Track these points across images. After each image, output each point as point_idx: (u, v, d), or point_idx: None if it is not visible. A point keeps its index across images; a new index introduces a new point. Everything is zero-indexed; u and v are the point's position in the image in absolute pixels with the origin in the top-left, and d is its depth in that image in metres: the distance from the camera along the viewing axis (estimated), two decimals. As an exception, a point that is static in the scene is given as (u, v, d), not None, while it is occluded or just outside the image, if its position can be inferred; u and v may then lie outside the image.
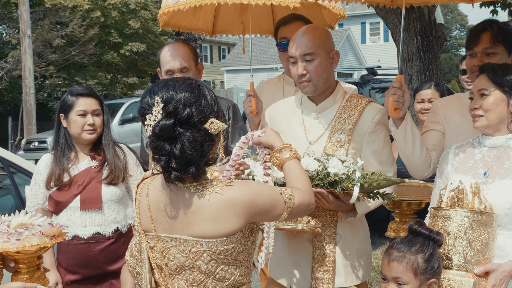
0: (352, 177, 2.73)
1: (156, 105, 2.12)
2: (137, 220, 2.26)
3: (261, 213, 2.20)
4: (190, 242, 2.15)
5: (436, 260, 2.53)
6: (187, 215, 2.15)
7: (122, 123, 16.56)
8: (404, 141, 2.95)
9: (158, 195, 2.22)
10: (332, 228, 2.97)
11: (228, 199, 2.13)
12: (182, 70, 3.60)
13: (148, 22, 25.38)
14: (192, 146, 2.09)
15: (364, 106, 3.02)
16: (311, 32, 2.95)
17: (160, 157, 2.12)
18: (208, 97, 2.20)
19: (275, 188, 2.28)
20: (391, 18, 7.04)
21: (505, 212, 2.65)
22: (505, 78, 2.71)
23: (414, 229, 2.60)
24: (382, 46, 38.77)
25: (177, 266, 2.18)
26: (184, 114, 2.10)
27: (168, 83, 2.18)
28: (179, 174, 2.12)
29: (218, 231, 2.13)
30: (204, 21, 4.23)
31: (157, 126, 2.10)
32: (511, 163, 2.71)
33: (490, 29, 3.09)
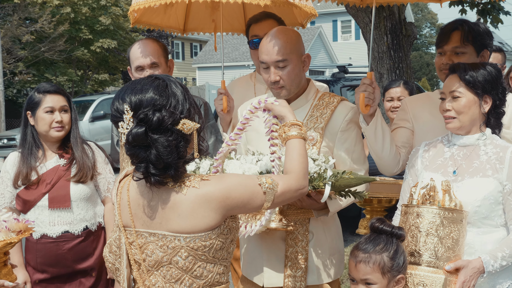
0: (323, 175, 2.73)
1: (126, 112, 2.10)
2: (117, 216, 2.25)
3: (238, 206, 2.19)
4: (168, 237, 2.14)
5: (401, 255, 2.55)
6: (165, 210, 2.14)
7: (92, 120, 16.40)
8: (374, 137, 2.98)
9: (138, 191, 2.21)
10: (304, 226, 2.98)
11: (203, 194, 2.12)
12: (152, 66, 3.58)
13: (119, 19, 25.18)
14: (167, 150, 2.08)
15: (336, 104, 3.02)
16: (282, 37, 2.91)
17: (138, 165, 2.12)
18: (178, 95, 2.15)
19: (253, 179, 2.24)
20: (361, 17, 7.07)
21: (474, 209, 2.69)
22: (477, 80, 2.73)
23: (376, 227, 2.62)
24: (353, 44, 38.97)
25: (155, 261, 2.17)
26: (155, 120, 2.07)
27: (135, 87, 2.14)
28: (159, 178, 2.11)
29: (195, 226, 2.12)
30: (175, 18, 4.20)
31: (129, 135, 2.08)
32: (480, 162, 2.75)
33: (461, 28, 3.13)
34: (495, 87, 2.76)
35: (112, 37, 25.11)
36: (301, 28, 4.19)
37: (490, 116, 2.80)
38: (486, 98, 2.76)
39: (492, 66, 2.80)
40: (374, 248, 2.53)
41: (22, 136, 3.57)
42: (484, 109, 2.76)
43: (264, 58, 2.93)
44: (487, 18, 8.54)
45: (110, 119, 2.22)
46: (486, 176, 2.71)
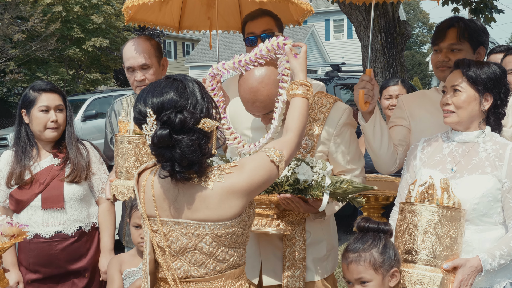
0: (321, 184, 2.74)
1: (149, 115, 2.20)
2: (141, 207, 2.36)
3: (261, 187, 2.33)
4: (193, 225, 2.26)
5: (391, 249, 2.55)
6: (192, 203, 2.26)
7: (84, 120, 16.22)
8: (373, 135, 2.97)
9: (163, 187, 2.32)
10: (301, 226, 2.98)
11: (229, 187, 2.25)
12: (143, 67, 3.52)
13: (111, 17, 25.01)
14: (191, 150, 2.19)
15: (329, 108, 2.99)
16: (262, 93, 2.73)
17: (164, 164, 2.23)
18: (196, 94, 2.26)
19: (265, 157, 2.33)
20: (355, 15, 7.07)
21: (472, 207, 2.68)
22: (479, 77, 2.72)
23: (362, 226, 2.62)
24: (345, 43, 39.01)
25: (180, 248, 2.29)
26: (177, 122, 2.17)
27: (156, 90, 2.25)
28: (184, 175, 2.23)
29: (222, 216, 2.25)
30: (170, 16, 4.15)
31: (154, 137, 2.19)
32: (479, 159, 2.74)
33: (457, 25, 3.12)
34: (498, 86, 2.75)
35: (104, 36, 24.94)
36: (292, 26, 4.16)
37: (490, 115, 2.79)
38: (487, 96, 2.75)
39: (497, 66, 2.79)
40: (363, 246, 2.53)
41: (16, 135, 3.52)
42: (484, 106, 2.75)
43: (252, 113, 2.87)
44: (480, 17, 8.54)
45: (134, 121, 2.32)
46: (485, 173, 2.70)
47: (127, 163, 3.17)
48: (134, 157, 3.15)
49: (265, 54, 2.68)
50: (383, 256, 2.51)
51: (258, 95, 2.73)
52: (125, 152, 3.17)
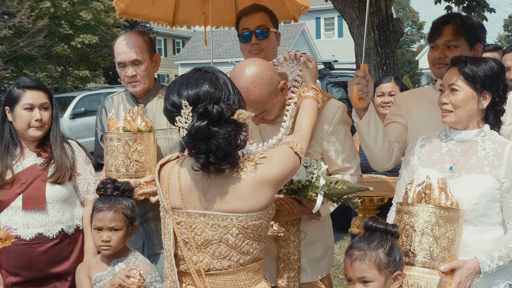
0: (315, 184, 2.70)
1: (184, 107, 2.21)
2: (163, 198, 2.35)
3: (287, 177, 2.39)
4: (220, 217, 2.28)
5: (397, 252, 2.50)
6: (223, 195, 2.29)
7: (73, 117, 16.12)
8: (367, 132, 2.92)
9: (192, 179, 2.33)
10: (295, 226, 2.94)
11: (261, 177, 2.29)
12: (134, 63, 3.42)
13: (100, 14, 24.89)
14: (227, 141, 2.21)
15: (323, 105, 2.93)
16: (253, 93, 2.69)
17: (199, 156, 2.24)
18: (229, 86, 2.28)
19: (288, 149, 2.40)
20: (348, 12, 7.01)
21: (471, 207, 2.64)
22: (477, 75, 2.67)
23: (370, 225, 2.56)
24: (336, 41, 39.07)
25: (205, 240, 2.30)
26: (215, 113, 2.19)
27: (189, 81, 2.26)
28: (218, 166, 2.25)
29: (253, 207, 2.29)
30: (164, 10, 4.07)
31: (192, 129, 2.19)
32: (478, 158, 2.70)
33: (453, 22, 3.07)
34: (496, 84, 2.71)
35: (93, 33, 24.82)
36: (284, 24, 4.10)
37: (488, 113, 2.74)
38: (485, 94, 2.70)
39: (495, 62, 2.74)
40: (369, 245, 2.48)
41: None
42: (483, 105, 2.71)
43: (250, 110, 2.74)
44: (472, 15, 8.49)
45: (164, 114, 2.31)
46: (483, 172, 2.66)
47: (117, 161, 3.11)
48: (124, 155, 3.09)
49: (281, 61, 2.95)
50: (388, 257, 2.46)
51: (249, 95, 2.67)
52: (115, 150, 3.11)
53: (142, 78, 3.44)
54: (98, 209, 3.01)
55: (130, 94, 3.57)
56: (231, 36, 36.42)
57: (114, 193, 3.03)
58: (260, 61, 2.76)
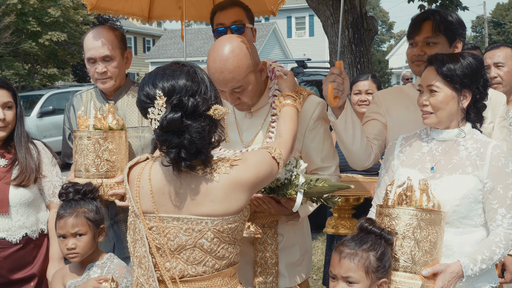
0: (295, 182, 2.62)
1: (158, 98, 2.14)
2: (134, 203, 2.27)
3: (263, 181, 2.32)
4: (194, 221, 2.20)
5: (388, 259, 2.44)
6: (196, 197, 2.21)
7: (41, 116, 15.95)
8: (345, 131, 2.83)
9: (163, 180, 2.25)
10: (273, 229, 2.86)
11: (236, 179, 2.22)
12: (105, 59, 3.31)
13: (69, 11, 24.66)
14: (200, 136, 2.14)
15: (303, 101, 2.87)
16: (232, 62, 2.63)
17: (170, 150, 2.16)
18: (206, 81, 2.23)
19: (266, 153, 2.34)
20: (322, 10, 6.95)
21: (453, 209, 2.58)
22: (455, 73, 2.60)
23: (365, 227, 2.50)
24: (307, 40, 39.26)
25: (178, 245, 2.23)
26: (190, 105, 2.13)
27: (165, 72, 2.20)
28: (189, 163, 2.17)
29: (228, 209, 2.22)
30: (138, 5, 3.95)
31: (164, 120, 2.12)
32: (460, 158, 2.64)
33: (432, 18, 3.02)
34: (475, 81, 2.63)
35: (62, 30, 24.57)
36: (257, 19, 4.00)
37: (470, 111, 2.68)
38: (465, 93, 2.63)
39: (473, 58, 2.67)
40: (361, 246, 2.43)
41: (-39, 133, 3.24)
42: (463, 104, 2.64)
43: (218, 86, 2.64)
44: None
45: (137, 105, 2.24)
46: (465, 173, 2.60)
47: (86, 161, 3.02)
48: (94, 154, 3.00)
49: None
50: (379, 262, 2.41)
51: (227, 64, 2.62)
52: (84, 148, 3.02)
53: (113, 75, 3.33)
54: (60, 216, 2.91)
55: (99, 91, 3.45)
56: (202, 34, 36.39)
57: (76, 197, 2.93)
58: (241, 37, 2.77)
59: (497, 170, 2.59)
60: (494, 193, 2.59)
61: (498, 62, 3.98)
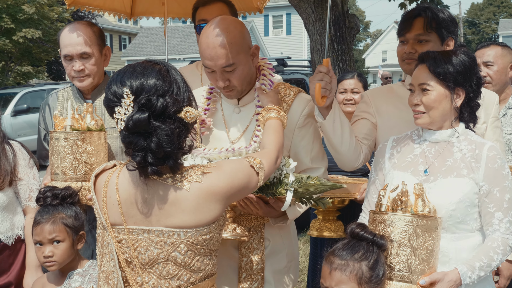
0: (284, 181, 2.51)
1: (125, 96, 2.02)
2: (101, 214, 2.15)
3: (240, 192, 2.21)
4: (166, 233, 2.09)
5: (381, 267, 2.34)
6: (166, 207, 2.09)
7: (15, 115, 15.83)
8: (333, 131, 2.72)
9: (131, 189, 2.13)
10: (259, 233, 2.77)
11: (208, 188, 2.10)
12: (82, 56, 3.19)
13: (43, 8, 24.41)
14: (169, 139, 2.02)
15: (293, 97, 2.79)
16: (225, 37, 2.58)
17: (135, 153, 2.04)
18: (179, 82, 2.11)
19: (244, 162, 2.24)
20: (304, 8, 6.85)
21: (448, 214, 2.49)
22: (448, 71, 2.52)
23: (356, 233, 2.39)
24: (284, 39, 39.35)
25: (150, 259, 2.11)
26: (159, 106, 2.01)
27: (135, 70, 2.08)
28: (156, 168, 2.05)
29: (201, 220, 2.10)
30: (120, 1, 3.83)
31: (130, 121, 2.00)
32: (454, 160, 2.56)
33: (424, 15, 2.94)
34: (469, 79, 2.56)
35: (36, 27, 24.30)
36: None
37: (463, 110, 2.60)
38: (459, 91, 2.55)
39: (465, 55, 2.59)
40: (353, 255, 2.33)
41: None
42: (456, 103, 2.56)
43: (207, 63, 2.63)
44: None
45: (104, 104, 2.11)
46: (461, 176, 2.52)
47: (64, 163, 2.91)
48: (72, 156, 2.88)
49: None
50: (371, 272, 2.30)
51: (221, 40, 2.56)
52: (61, 150, 2.90)
53: (91, 73, 3.22)
54: (37, 222, 2.78)
55: (76, 89, 3.33)
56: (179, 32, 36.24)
57: (54, 202, 2.80)
58: (235, 18, 2.73)
59: (494, 172, 2.51)
60: (491, 196, 2.51)
61: (488, 61, 3.91)
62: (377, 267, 2.31)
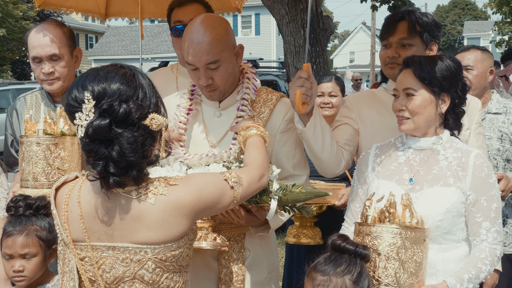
0: (268, 189, 2.40)
1: (86, 101, 1.90)
2: (62, 230, 2.03)
3: (209, 207, 2.08)
4: (132, 250, 1.98)
5: (365, 278, 2.25)
6: (130, 222, 1.97)
7: (-22, 116, 15.31)
8: (314, 138, 2.62)
9: (93, 202, 2.01)
10: (239, 243, 2.68)
11: (174, 201, 1.98)
12: (52, 58, 3.08)
13: (8, 5, 23.99)
14: (132, 148, 1.90)
15: (275, 102, 2.71)
16: (210, 33, 2.52)
17: (96, 162, 1.92)
18: (145, 87, 1.99)
19: (218, 175, 2.14)
20: (277, 8, 6.76)
21: (435, 224, 2.42)
22: (434, 76, 2.47)
23: (338, 245, 2.29)
24: (253, 39, 39.30)
25: (115, 278, 2.00)
26: (121, 112, 1.90)
27: (98, 74, 1.96)
28: (118, 179, 1.93)
29: (168, 236, 1.98)
30: (94, 1, 3.74)
31: (90, 127, 1.88)
32: (440, 168, 2.51)
33: (408, 18, 2.89)
34: (454, 84, 2.51)
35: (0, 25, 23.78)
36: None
37: (448, 117, 2.55)
38: (444, 97, 2.50)
39: (451, 60, 2.55)
40: (335, 270, 2.22)
41: None
42: (442, 109, 2.52)
43: (191, 60, 2.55)
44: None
45: (65, 109, 2.00)
46: (447, 185, 2.46)
47: (35, 169, 2.76)
48: (44, 162, 2.74)
49: None
50: (355, 285, 2.21)
51: (206, 36, 2.50)
52: (33, 156, 2.75)
53: (61, 75, 3.10)
54: (7, 233, 2.60)
55: (46, 93, 3.20)
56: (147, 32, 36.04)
57: (27, 213, 2.63)
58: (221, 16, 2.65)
59: (481, 181, 2.46)
60: (478, 205, 2.45)
61: (467, 65, 3.86)
62: (361, 279, 2.22)
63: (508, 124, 3.84)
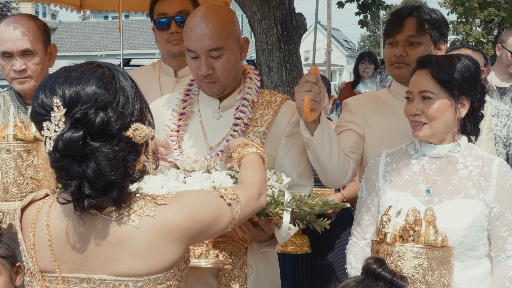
0: (279, 200, 2.19)
1: (55, 109, 1.62)
2: (28, 258, 1.76)
3: (205, 229, 1.81)
4: (110, 283, 1.71)
5: None
6: (108, 249, 1.70)
7: None
8: (321, 147, 2.43)
9: (64, 225, 1.74)
10: (241, 259, 2.50)
11: (163, 224, 1.71)
12: (25, 53, 2.87)
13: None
14: (111, 165, 1.63)
15: (280, 104, 2.55)
16: (215, 18, 2.40)
17: (68, 182, 1.64)
18: (127, 91, 1.70)
19: (212, 192, 1.90)
20: (249, 5, 6.53)
21: (459, 240, 2.26)
22: (453, 78, 2.31)
23: (373, 269, 2.00)
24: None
25: None
26: (98, 122, 1.61)
27: (70, 75, 1.67)
28: (95, 202, 1.65)
29: (154, 266, 1.71)
30: None
31: (60, 141, 1.60)
32: (460, 178, 2.33)
33: (416, 14, 2.76)
34: (474, 87, 2.36)
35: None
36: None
37: (466, 122, 2.40)
38: (463, 100, 2.35)
39: (469, 60, 2.40)
40: None
41: None
42: (461, 113, 2.37)
43: (192, 45, 2.39)
44: (368, 14, 8.37)
45: (30, 117, 1.73)
46: (469, 196, 2.30)
47: (6, 179, 2.51)
48: (16, 171, 2.49)
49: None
50: None
51: (212, 20, 2.38)
52: (3, 164, 2.51)
53: (34, 74, 2.89)
54: None
55: (15, 93, 2.98)
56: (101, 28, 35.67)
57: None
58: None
59: (506, 192, 2.32)
60: (503, 219, 2.30)
61: None
62: None
63: (501, 126, 3.74)
